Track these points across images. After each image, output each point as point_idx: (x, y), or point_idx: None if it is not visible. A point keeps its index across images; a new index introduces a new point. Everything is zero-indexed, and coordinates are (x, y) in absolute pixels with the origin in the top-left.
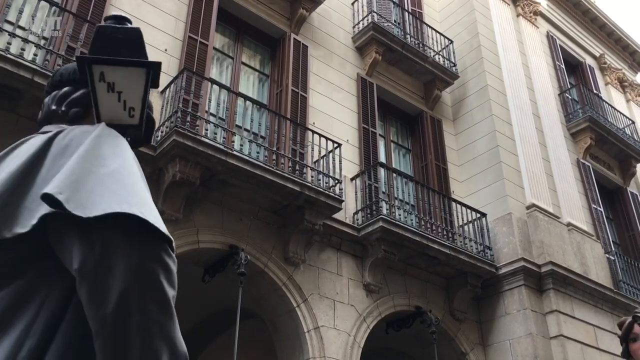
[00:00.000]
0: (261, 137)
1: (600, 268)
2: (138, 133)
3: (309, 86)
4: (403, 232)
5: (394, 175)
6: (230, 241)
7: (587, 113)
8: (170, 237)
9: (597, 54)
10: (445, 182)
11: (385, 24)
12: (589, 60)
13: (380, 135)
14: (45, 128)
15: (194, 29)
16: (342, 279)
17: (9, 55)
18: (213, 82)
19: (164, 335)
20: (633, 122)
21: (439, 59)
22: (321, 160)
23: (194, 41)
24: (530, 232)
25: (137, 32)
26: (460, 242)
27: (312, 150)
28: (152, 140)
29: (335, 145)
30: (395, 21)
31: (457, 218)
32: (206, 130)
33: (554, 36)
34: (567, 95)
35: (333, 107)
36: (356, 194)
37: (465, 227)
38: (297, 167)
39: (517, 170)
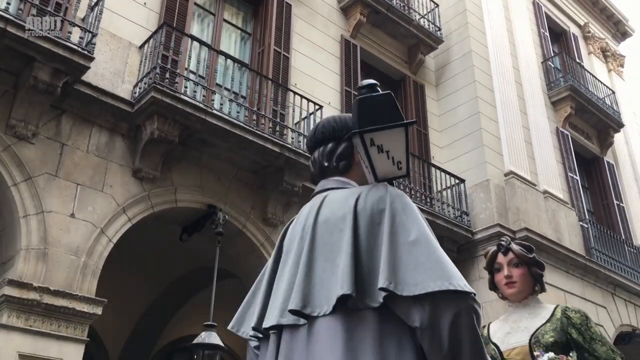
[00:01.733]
0: (242, 96)
1: (573, 235)
2: (403, 178)
3: (292, 46)
4: None
5: None
6: (208, 201)
7: (569, 82)
8: (473, 290)
9: (582, 23)
10: (425, 147)
11: None
12: (573, 29)
13: None
14: (324, 183)
15: None
16: None
17: None
18: (193, 38)
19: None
20: (613, 93)
21: (424, 22)
22: (302, 122)
23: None
24: (507, 198)
25: (389, 96)
26: (438, 207)
27: (293, 111)
28: (131, 96)
29: (317, 107)
30: None
31: (436, 183)
32: (185, 88)
33: (540, 3)
34: (550, 64)
35: (316, 68)
36: None
37: (444, 193)
38: (278, 128)
39: (497, 138)
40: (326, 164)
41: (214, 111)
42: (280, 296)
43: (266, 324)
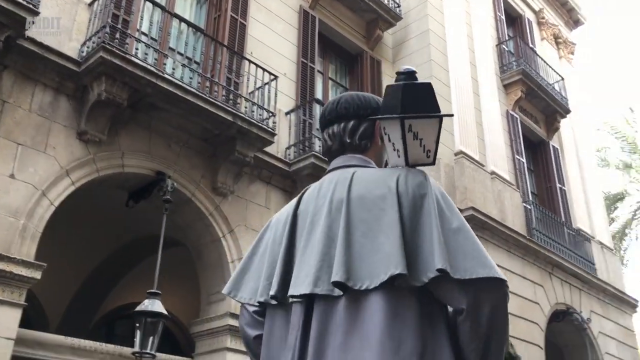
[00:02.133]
0: (195, 62)
1: (517, 216)
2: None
3: (249, 14)
4: None
5: None
6: (157, 167)
7: (521, 66)
8: (506, 278)
9: (537, 9)
10: None
11: None
12: (529, 14)
13: (318, 71)
14: (346, 159)
15: None
16: (270, 212)
17: None
18: None
19: (505, 340)
20: (563, 79)
21: None
22: (256, 92)
23: None
24: (456, 177)
25: (429, 87)
26: None
27: (248, 80)
28: (78, 55)
29: (272, 77)
30: None
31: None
32: (136, 49)
33: None
34: (504, 47)
35: (273, 38)
36: (290, 129)
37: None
38: (231, 97)
39: (449, 117)
40: (348, 141)
41: (166, 75)
42: (311, 266)
43: (295, 291)
